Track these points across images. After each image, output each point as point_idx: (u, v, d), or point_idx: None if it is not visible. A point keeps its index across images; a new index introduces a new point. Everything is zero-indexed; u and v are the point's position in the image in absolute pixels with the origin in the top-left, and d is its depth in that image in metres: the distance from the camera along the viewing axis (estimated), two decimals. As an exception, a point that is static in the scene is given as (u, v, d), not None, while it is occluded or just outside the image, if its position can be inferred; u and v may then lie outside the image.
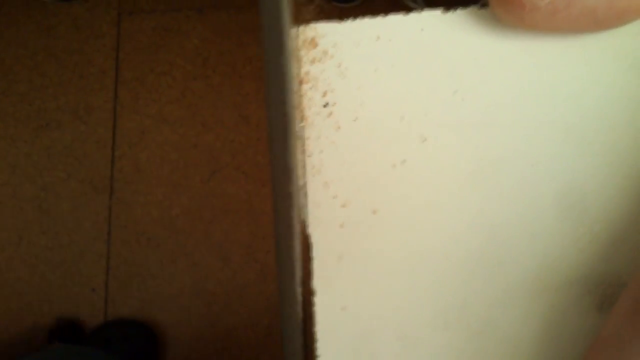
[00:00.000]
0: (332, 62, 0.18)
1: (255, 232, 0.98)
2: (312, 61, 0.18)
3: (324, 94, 0.18)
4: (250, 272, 0.97)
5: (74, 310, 0.98)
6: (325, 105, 0.18)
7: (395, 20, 0.19)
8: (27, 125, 1.03)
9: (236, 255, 0.98)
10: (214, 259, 0.98)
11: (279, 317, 0.17)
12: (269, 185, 0.99)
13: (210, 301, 0.97)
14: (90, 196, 1.01)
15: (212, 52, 1.03)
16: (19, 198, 1.01)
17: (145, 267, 0.99)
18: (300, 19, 0.19)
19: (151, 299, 0.98)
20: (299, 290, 0.17)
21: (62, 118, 1.03)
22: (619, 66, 0.18)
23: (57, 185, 1.01)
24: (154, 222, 1.00)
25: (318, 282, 0.18)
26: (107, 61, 1.04)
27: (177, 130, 1.01)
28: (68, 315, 0.98)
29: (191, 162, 1.01)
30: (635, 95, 0.18)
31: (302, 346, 0.18)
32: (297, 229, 0.17)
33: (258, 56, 1.01)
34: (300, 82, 0.18)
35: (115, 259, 0.99)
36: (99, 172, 1.01)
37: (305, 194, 0.18)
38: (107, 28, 1.05)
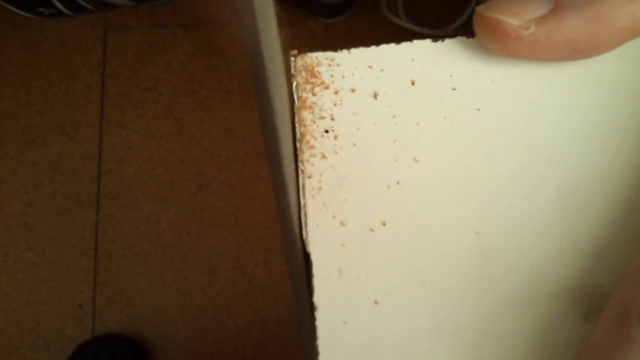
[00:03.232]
0: (330, 89, 0.20)
1: (243, 246, 0.99)
2: (311, 89, 0.20)
3: (323, 120, 0.20)
4: (238, 285, 0.98)
5: (61, 326, 0.98)
6: (326, 131, 0.19)
7: (387, 50, 0.20)
8: (13, 141, 1.03)
9: (224, 269, 0.98)
10: (201, 273, 0.99)
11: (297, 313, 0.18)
12: (256, 199, 1.00)
13: (198, 315, 0.98)
14: (77, 212, 1.01)
15: (198, 67, 1.03)
16: (4, 214, 1.01)
17: (132, 282, 0.99)
18: (296, 47, 0.20)
19: (139, 314, 0.98)
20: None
21: (48, 134, 1.03)
22: (597, 91, 0.19)
23: (43, 201, 1.01)
24: (141, 237, 1.00)
25: (319, 298, 0.19)
26: (93, 77, 1.04)
27: (164, 145, 1.02)
28: (54, 331, 0.98)
29: (178, 176, 1.01)
30: (612, 118, 0.19)
31: None
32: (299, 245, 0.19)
33: (244, 71, 1.02)
34: (301, 109, 0.20)
35: (102, 274, 0.99)
36: (86, 187, 1.01)
37: (305, 214, 0.19)
38: (93, 44, 1.05)
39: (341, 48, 0.20)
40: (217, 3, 1.03)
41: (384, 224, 0.19)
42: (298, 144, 0.20)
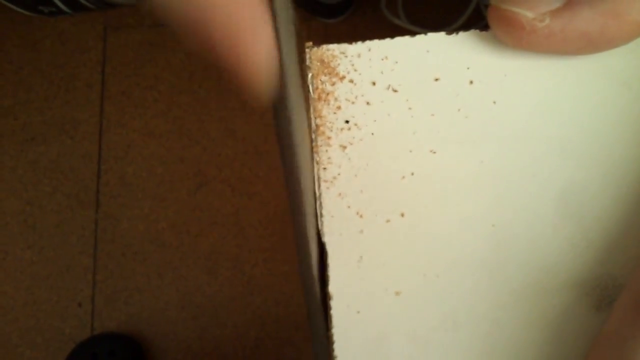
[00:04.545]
0: (345, 81, 0.20)
1: (242, 245, 0.99)
2: (326, 80, 0.20)
3: (339, 112, 0.20)
4: (237, 285, 0.98)
5: (60, 324, 0.98)
6: (346, 122, 0.20)
7: (402, 42, 0.20)
8: (12, 139, 1.03)
9: (223, 269, 0.98)
10: (200, 272, 0.99)
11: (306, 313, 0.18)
12: (256, 199, 1.00)
13: (197, 314, 0.98)
14: (76, 210, 1.01)
15: (198, 66, 1.03)
16: (4, 212, 1.01)
17: (131, 281, 0.99)
18: (309, 39, 0.20)
19: (138, 313, 0.98)
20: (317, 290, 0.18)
21: (48, 132, 1.03)
22: (610, 84, 0.20)
23: (42, 200, 1.01)
24: (140, 236, 1.00)
25: (334, 287, 0.20)
26: (93, 75, 1.04)
27: (164, 143, 1.02)
28: (54, 330, 0.98)
29: (177, 175, 1.01)
30: (625, 111, 0.20)
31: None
32: (312, 238, 0.19)
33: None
34: (317, 100, 0.20)
35: (101, 273, 0.99)
36: (85, 186, 1.01)
37: (321, 205, 0.20)
38: (93, 42, 1.05)
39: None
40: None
41: (402, 215, 0.20)
42: (313, 135, 0.20)
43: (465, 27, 0.20)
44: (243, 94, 0.15)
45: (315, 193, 0.20)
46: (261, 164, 1.00)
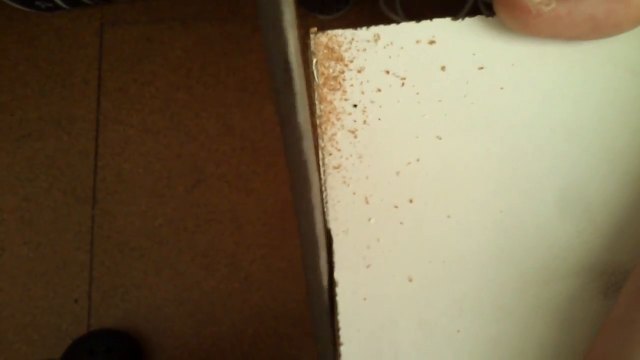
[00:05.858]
0: (350, 66, 0.20)
1: (239, 242, 0.98)
2: (331, 66, 0.20)
3: (344, 97, 0.20)
4: (234, 281, 0.98)
5: (57, 321, 0.97)
6: (354, 106, 0.19)
7: (407, 28, 0.20)
8: (9, 135, 1.02)
9: (220, 265, 0.98)
10: (197, 269, 0.98)
11: (309, 306, 0.18)
12: (253, 195, 1.00)
13: (194, 311, 0.97)
14: (73, 206, 1.00)
15: (195, 62, 1.03)
16: (0, 209, 1.00)
17: (128, 278, 0.98)
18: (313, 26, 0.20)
19: (135, 310, 0.98)
20: (324, 281, 0.18)
21: (44, 128, 1.02)
22: (615, 71, 0.20)
23: (39, 196, 1.01)
24: (137, 232, 1.00)
25: (340, 274, 0.19)
26: (89, 71, 1.04)
27: (161, 140, 1.02)
28: (50, 326, 0.97)
29: (175, 172, 1.01)
30: (630, 98, 0.19)
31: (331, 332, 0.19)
32: (319, 224, 0.18)
33: (241, 67, 1.02)
34: (321, 86, 0.20)
35: (98, 269, 0.99)
36: (82, 182, 1.01)
37: (326, 190, 0.19)
38: (90, 38, 1.05)
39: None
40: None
41: (410, 201, 0.19)
42: (318, 121, 0.20)
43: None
44: None
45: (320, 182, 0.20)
46: (259, 160, 1.00)
